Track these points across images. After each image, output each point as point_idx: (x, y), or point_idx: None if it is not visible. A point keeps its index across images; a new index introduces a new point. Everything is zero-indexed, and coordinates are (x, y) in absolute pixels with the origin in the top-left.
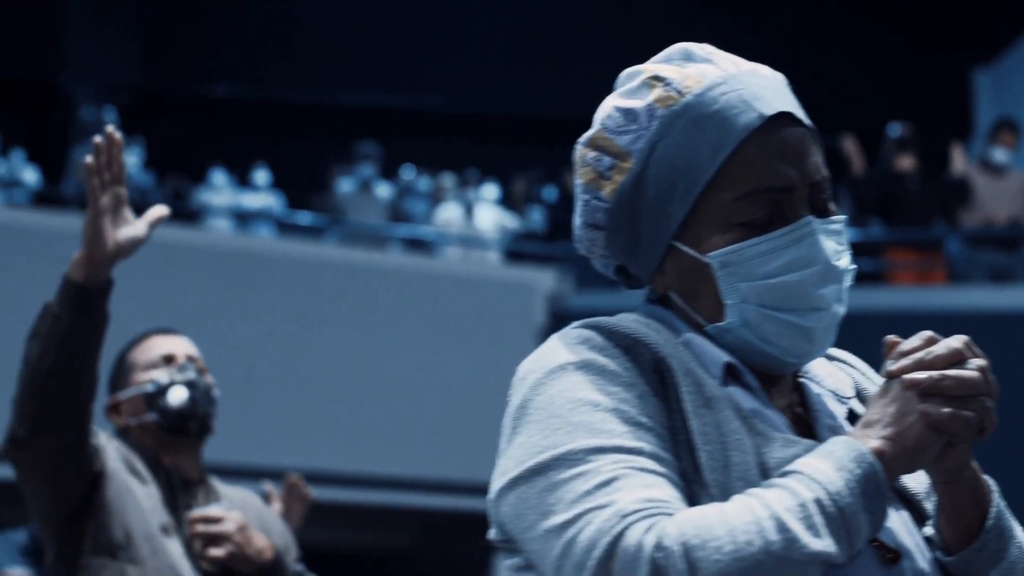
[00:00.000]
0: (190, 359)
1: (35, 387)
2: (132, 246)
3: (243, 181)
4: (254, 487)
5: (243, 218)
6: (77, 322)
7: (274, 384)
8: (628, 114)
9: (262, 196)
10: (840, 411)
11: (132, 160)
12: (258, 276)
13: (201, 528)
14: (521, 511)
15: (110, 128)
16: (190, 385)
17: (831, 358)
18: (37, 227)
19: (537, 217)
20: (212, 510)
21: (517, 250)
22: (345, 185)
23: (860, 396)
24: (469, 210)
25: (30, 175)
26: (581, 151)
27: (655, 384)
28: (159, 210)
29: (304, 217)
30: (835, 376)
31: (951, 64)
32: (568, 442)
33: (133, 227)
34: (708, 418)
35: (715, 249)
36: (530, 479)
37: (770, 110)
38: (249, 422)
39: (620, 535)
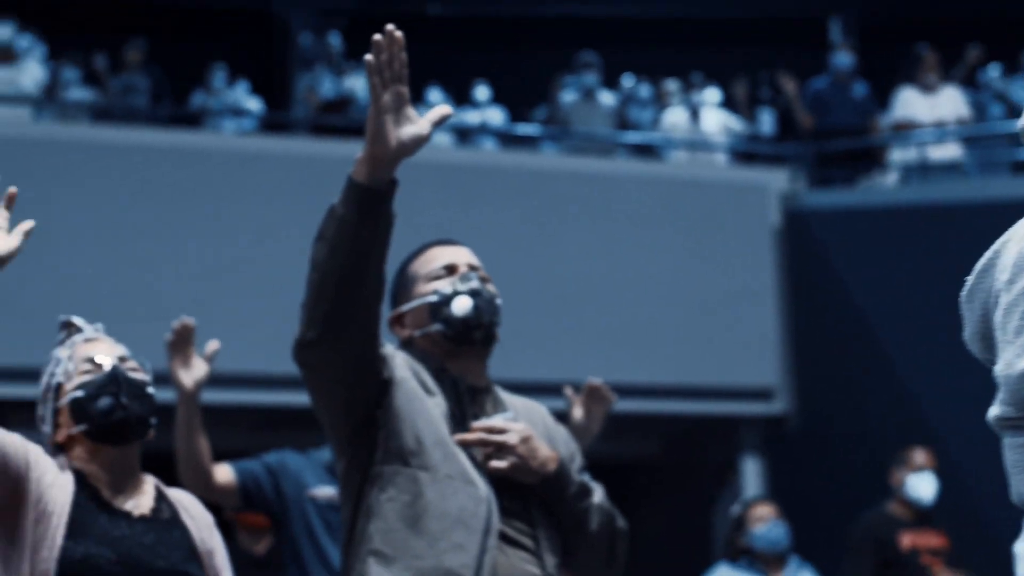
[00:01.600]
0: (472, 268)
1: (323, 289)
2: (415, 144)
3: (460, 99)
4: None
5: (464, 133)
6: (362, 222)
7: (510, 297)
8: None
9: (484, 112)
10: None
11: (361, 83)
12: (484, 190)
13: (485, 437)
14: None
15: (390, 26)
16: (473, 294)
17: None
18: (265, 152)
19: (766, 118)
20: (496, 421)
21: (748, 151)
22: (568, 95)
23: None
24: (695, 114)
25: (253, 104)
26: None
27: None
28: (442, 109)
29: (529, 128)
30: None
31: None
32: None
33: (416, 125)
34: None
35: None
36: None
37: None
38: None
39: None
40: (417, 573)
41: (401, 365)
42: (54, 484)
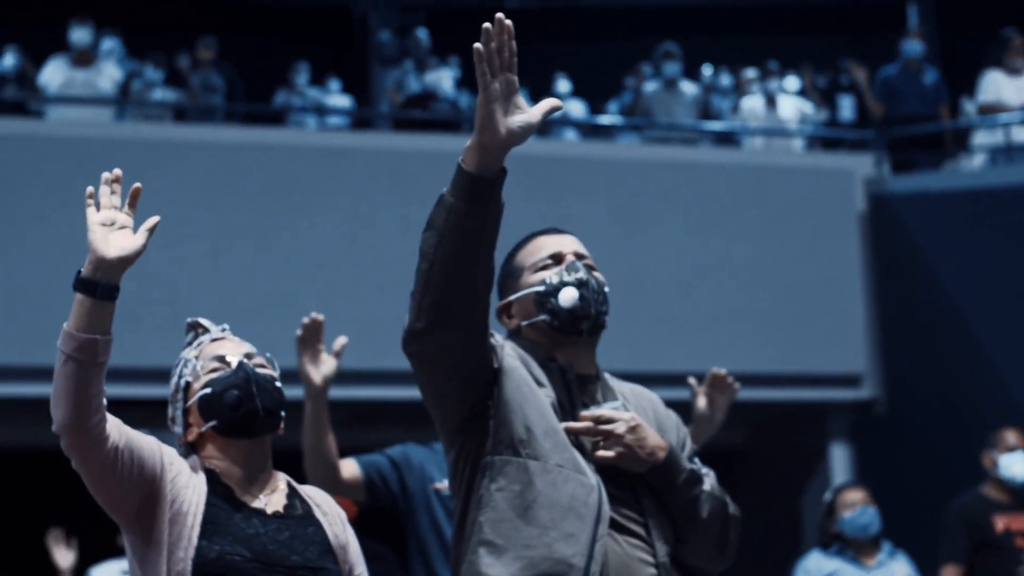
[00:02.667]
0: (578, 256)
1: (432, 278)
2: (525, 133)
3: (540, 92)
4: None
5: (545, 125)
6: (471, 211)
7: None
8: None
9: (564, 104)
10: None
11: (448, 78)
12: (567, 181)
13: (593, 427)
14: None
15: (499, 15)
16: (580, 284)
17: None
18: (349, 148)
19: (845, 103)
20: (604, 410)
21: (827, 137)
22: (649, 85)
23: None
24: (773, 101)
25: (337, 99)
26: None
27: None
28: (553, 100)
29: (612, 118)
30: None
31: None
32: None
33: (526, 114)
34: None
35: None
36: None
37: None
38: None
39: None
40: (528, 563)
41: (510, 354)
42: (188, 485)
